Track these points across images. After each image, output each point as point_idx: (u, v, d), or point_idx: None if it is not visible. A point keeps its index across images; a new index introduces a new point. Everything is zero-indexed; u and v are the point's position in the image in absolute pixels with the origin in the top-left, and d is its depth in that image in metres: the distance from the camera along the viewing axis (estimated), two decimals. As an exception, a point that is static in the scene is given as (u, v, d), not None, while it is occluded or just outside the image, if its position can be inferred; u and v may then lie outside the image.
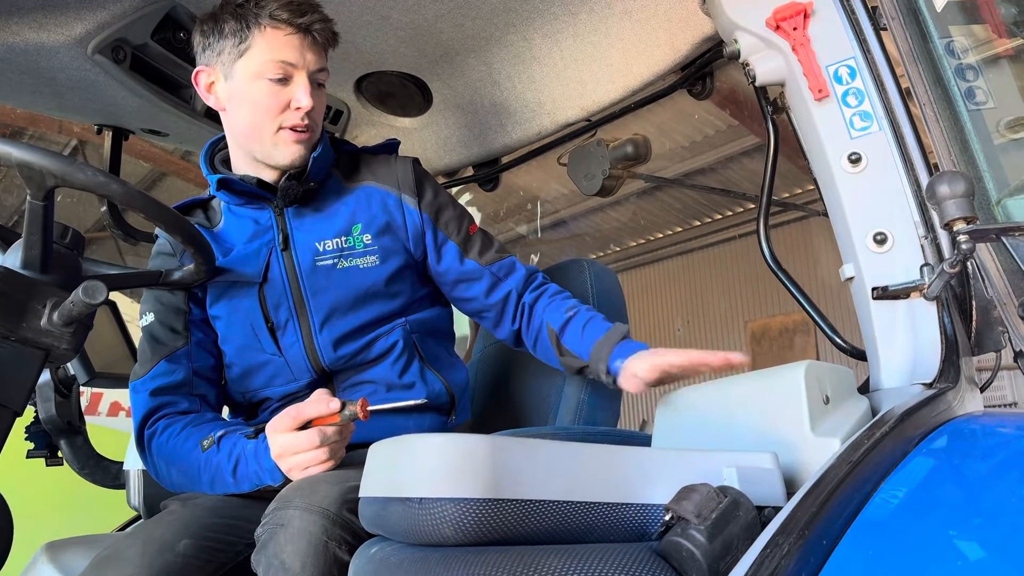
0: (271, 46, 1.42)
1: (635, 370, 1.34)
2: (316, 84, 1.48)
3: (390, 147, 1.67)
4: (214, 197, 1.60)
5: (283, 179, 1.50)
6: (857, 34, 1.33)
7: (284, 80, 1.43)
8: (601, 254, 10.97)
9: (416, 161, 1.64)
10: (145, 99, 1.83)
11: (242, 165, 1.55)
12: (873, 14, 1.33)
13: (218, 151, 1.62)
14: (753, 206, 8.61)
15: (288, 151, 1.47)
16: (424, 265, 1.62)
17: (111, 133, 2.04)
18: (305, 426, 1.27)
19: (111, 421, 4.75)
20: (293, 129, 1.46)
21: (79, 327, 1.14)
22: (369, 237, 1.53)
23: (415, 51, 1.92)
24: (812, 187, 1.42)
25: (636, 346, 1.41)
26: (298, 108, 1.44)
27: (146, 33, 1.69)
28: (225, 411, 1.64)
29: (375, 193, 1.57)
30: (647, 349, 1.38)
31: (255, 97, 1.44)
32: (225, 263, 1.51)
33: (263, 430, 1.32)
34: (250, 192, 1.52)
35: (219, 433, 1.37)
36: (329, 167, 1.58)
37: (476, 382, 2.04)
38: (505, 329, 1.63)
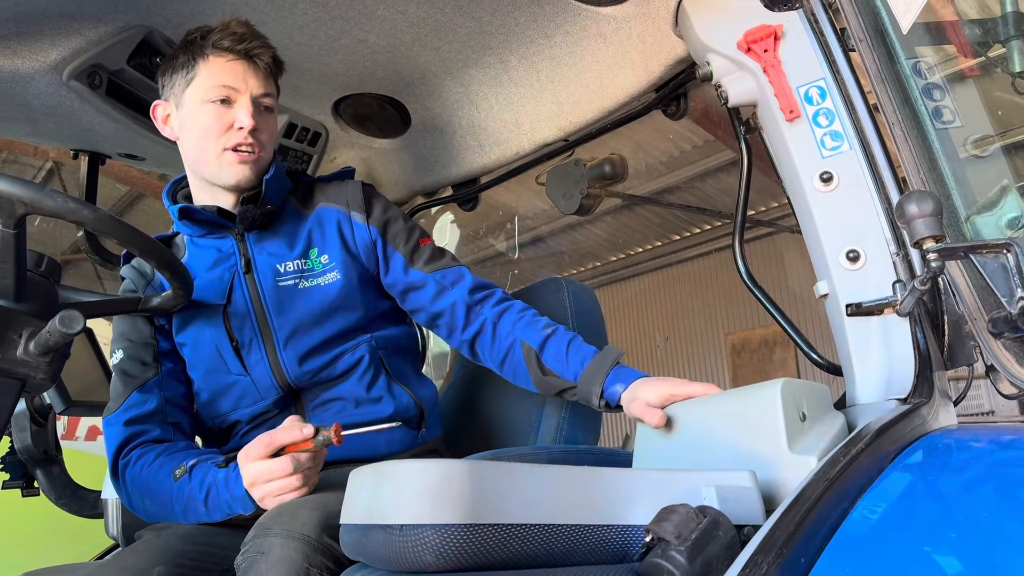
0: (213, 72, 1.50)
1: (647, 398, 1.29)
2: (262, 108, 1.54)
3: (344, 175, 1.74)
4: (177, 234, 1.65)
5: (240, 204, 1.55)
6: (826, 55, 1.36)
7: (227, 102, 1.50)
8: (580, 269, 11.00)
9: (365, 184, 1.70)
10: (121, 124, 1.83)
11: (200, 194, 1.60)
12: (842, 36, 1.35)
13: (180, 189, 1.67)
14: (730, 220, 8.67)
15: (233, 171, 1.52)
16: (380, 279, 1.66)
17: (87, 158, 2.04)
18: (278, 453, 1.27)
19: (89, 446, 4.68)
20: (235, 149, 1.50)
21: (56, 356, 1.13)
22: (327, 257, 1.58)
23: (393, 73, 1.93)
24: (787, 200, 1.44)
25: (633, 372, 1.39)
26: (240, 128, 1.49)
27: (122, 58, 1.69)
28: (199, 441, 1.64)
29: (327, 213, 1.63)
30: (646, 376, 1.37)
31: (201, 120, 1.50)
32: None
33: (235, 459, 1.32)
34: (211, 221, 1.56)
35: (191, 462, 1.37)
36: (285, 193, 1.64)
37: (458, 401, 2.03)
38: (456, 338, 1.63)
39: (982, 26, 1.44)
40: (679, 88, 1.85)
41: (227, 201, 1.57)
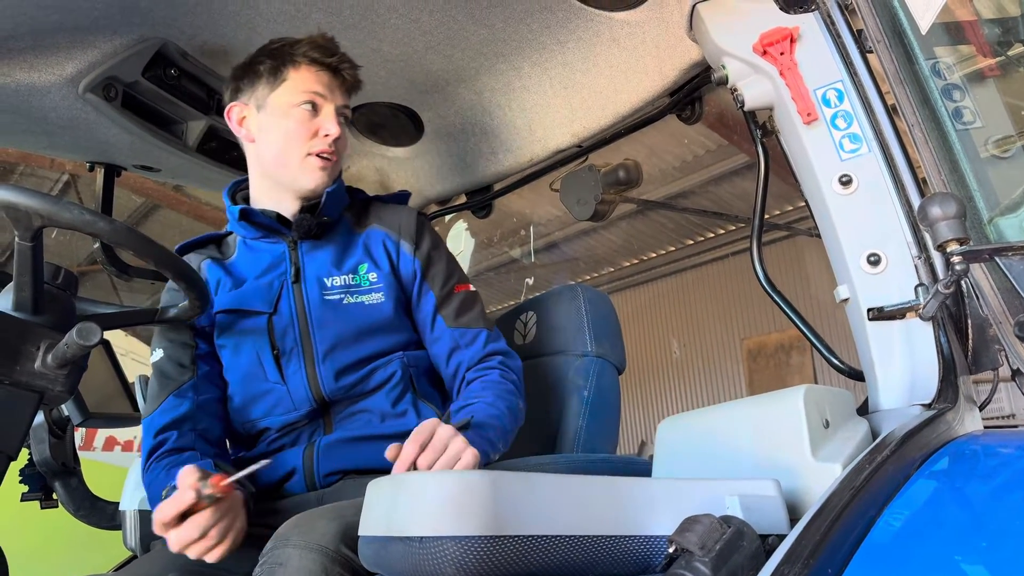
0: (304, 79, 1.55)
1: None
2: (342, 120, 1.59)
3: (401, 197, 1.78)
4: (230, 233, 1.68)
5: (298, 212, 1.59)
6: (844, 57, 1.34)
7: (315, 110, 1.56)
8: (595, 275, 10.98)
9: (420, 213, 1.72)
10: (137, 136, 1.84)
11: (263, 198, 1.63)
12: (859, 37, 1.34)
13: (239, 191, 1.70)
14: (745, 224, 8.64)
15: (313, 176, 1.56)
16: None
17: (103, 170, 2.05)
18: (190, 510, 1.23)
19: (106, 456, 4.72)
20: (320, 155, 1.56)
21: (73, 368, 1.13)
22: (375, 275, 1.59)
23: (406, 82, 1.93)
24: (803, 204, 1.42)
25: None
26: (327, 135, 1.55)
27: (137, 71, 1.70)
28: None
29: (379, 235, 1.66)
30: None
31: (287, 125, 1.55)
32: (237, 294, 1.56)
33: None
34: (268, 225, 1.59)
35: (174, 483, 1.36)
36: (342, 208, 1.66)
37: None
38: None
39: (1002, 25, 1.43)
40: (693, 92, 1.84)
41: (289, 208, 1.60)
